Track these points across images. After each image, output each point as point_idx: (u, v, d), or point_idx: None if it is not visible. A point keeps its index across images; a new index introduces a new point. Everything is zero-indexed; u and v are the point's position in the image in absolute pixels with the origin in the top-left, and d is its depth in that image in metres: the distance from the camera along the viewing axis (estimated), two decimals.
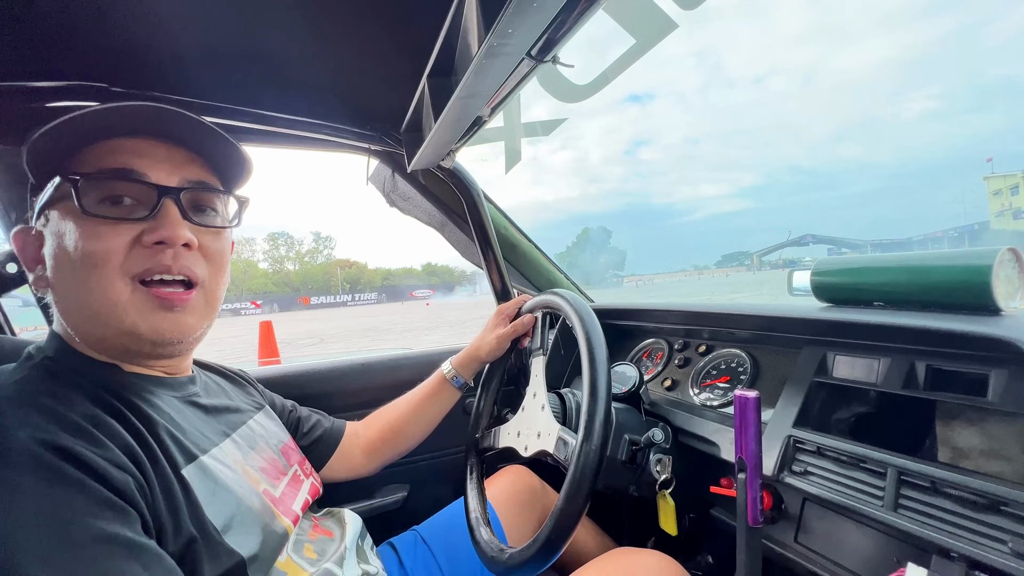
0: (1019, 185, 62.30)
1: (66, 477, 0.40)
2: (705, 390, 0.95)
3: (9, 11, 0.61)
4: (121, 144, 0.52)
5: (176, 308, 0.53)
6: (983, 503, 0.50)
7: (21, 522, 0.36)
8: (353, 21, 0.68)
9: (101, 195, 0.51)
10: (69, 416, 0.44)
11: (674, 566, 0.76)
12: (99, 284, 0.50)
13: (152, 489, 0.46)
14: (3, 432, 0.40)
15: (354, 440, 0.91)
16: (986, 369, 0.55)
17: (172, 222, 0.52)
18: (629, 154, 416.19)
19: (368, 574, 0.69)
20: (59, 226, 0.51)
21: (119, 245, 0.50)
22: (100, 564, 0.38)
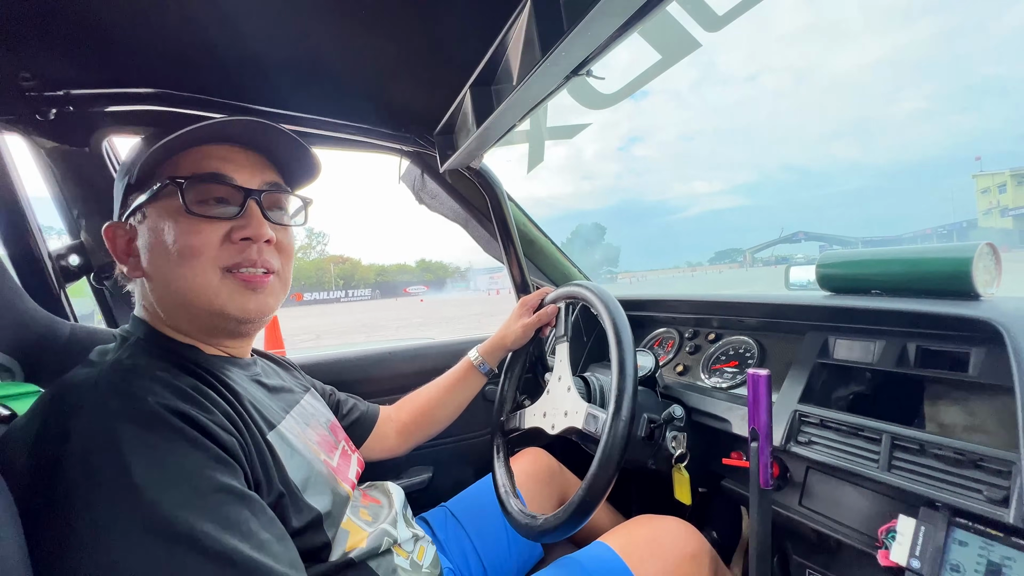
0: (1006, 183, 63.21)
1: (187, 436, 0.46)
2: (715, 374, 1.04)
3: (75, 21, 0.66)
4: (211, 150, 0.59)
5: (259, 290, 0.60)
6: (964, 460, 0.58)
7: (160, 474, 0.43)
8: (403, 31, 0.73)
9: (199, 196, 0.57)
10: (179, 385, 0.50)
11: (692, 530, 0.84)
12: (193, 272, 0.56)
13: (249, 450, 0.53)
14: (134, 399, 0.46)
15: (388, 423, 0.98)
16: (967, 348, 0.64)
17: (257, 221, 0.59)
18: (623, 151, 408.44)
19: (417, 536, 0.77)
20: (160, 222, 0.57)
21: (214, 240, 0.57)
22: (220, 509, 0.44)
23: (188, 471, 0.44)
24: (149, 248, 0.57)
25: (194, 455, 0.46)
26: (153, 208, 0.57)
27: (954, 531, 0.57)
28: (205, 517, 0.43)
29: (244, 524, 0.45)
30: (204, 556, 0.41)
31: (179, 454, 0.45)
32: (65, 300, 0.89)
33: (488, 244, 1.37)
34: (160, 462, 0.43)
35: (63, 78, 0.77)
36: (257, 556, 0.43)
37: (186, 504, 0.42)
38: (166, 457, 0.44)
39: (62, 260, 0.90)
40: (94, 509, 0.40)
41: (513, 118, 0.80)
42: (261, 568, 0.43)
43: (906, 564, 0.59)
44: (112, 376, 0.48)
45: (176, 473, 0.43)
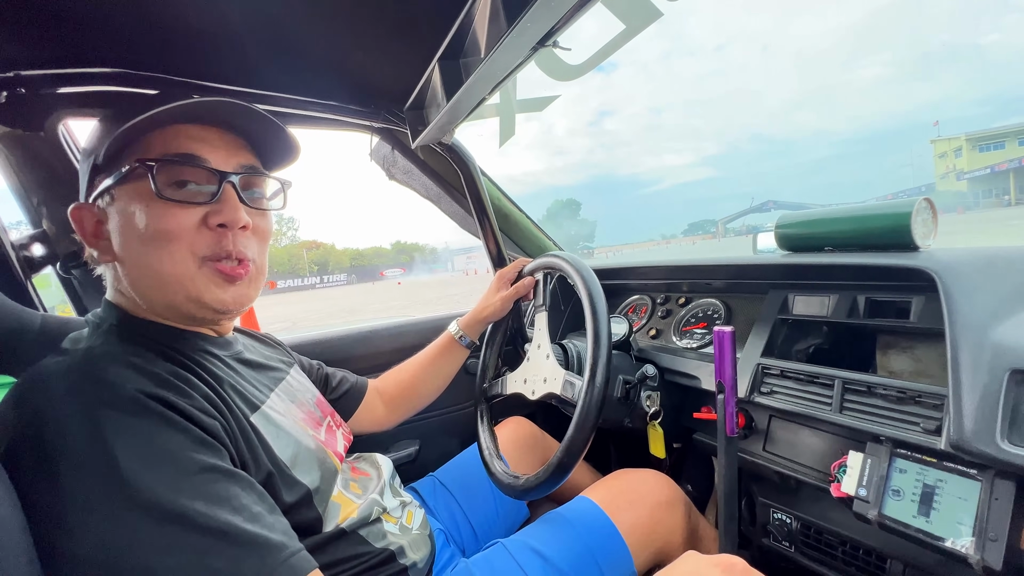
0: (962, 148, 65.62)
1: (169, 420, 0.46)
2: (685, 336, 1.09)
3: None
4: (184, 129, 0.56)
5: (237, 281, 0.59)
6: (904, 397, 0.64)
7: (143, 457, 0.43)
8: (369, 4, 0.72)
9: (171, 179, 0.55)
10: (156, 371, 0.50)
11: (667, 480, 0.90)
12: (170, 259, 0.54)
13: (233, 433, 0.53)
14: (113, 386, 0.46)
15: (376, 395, 1.00)
16: (909, 297, 0.70)
17: (232, 206, 0.57)
18: (594, 125, 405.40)
19: (405, 502, 0.80)
20: (130, 205, 0.54)
21: (188, 225, 0.55)
22: (207, 487, 0.45)
23: (172, 453, 0.45)
24: (120, 232, 0.55)
25: (177, 437, 0.46)
26: (122, 191, 0.55)
27: (895, 460, 0.63)
28: (194, 495, 0.43)
29: (234, 499, 0.46)
30: (198, 532, 0.42)
31: (162, 437, 0.45)
32: (33, 291, 0.87)
33: (463, 220, 1.38)
34: (143, 446, 0.43)
35: (13, 58, 0.73)
36: (251, 527, 0.45)
37: (174, 484, 0.43)
38: (149, 440, 0.44)
39: (25, 250, 0.88)
40: (81, 495, 0.41)
41: (482, 91, 0.80)
42: (257, 538, 0.44)
43: (854, 493, 0.65)
44: (85, 364, 0.48)
45: (160, 456, 0.44)
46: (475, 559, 0.76)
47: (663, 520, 0.85)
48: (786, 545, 0.84)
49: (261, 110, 0.59)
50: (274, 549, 0.45)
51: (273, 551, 0.45)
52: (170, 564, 0.40)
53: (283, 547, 0.46)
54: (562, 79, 0.90)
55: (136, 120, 0.51)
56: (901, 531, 0.60)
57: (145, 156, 0.54)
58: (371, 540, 0.67)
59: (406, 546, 0.70)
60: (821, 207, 1.01)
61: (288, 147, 0.65)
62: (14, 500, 0.40)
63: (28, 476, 0.42)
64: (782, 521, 0.84)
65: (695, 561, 0.57)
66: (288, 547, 0.47)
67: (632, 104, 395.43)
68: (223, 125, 0.60)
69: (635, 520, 0.82)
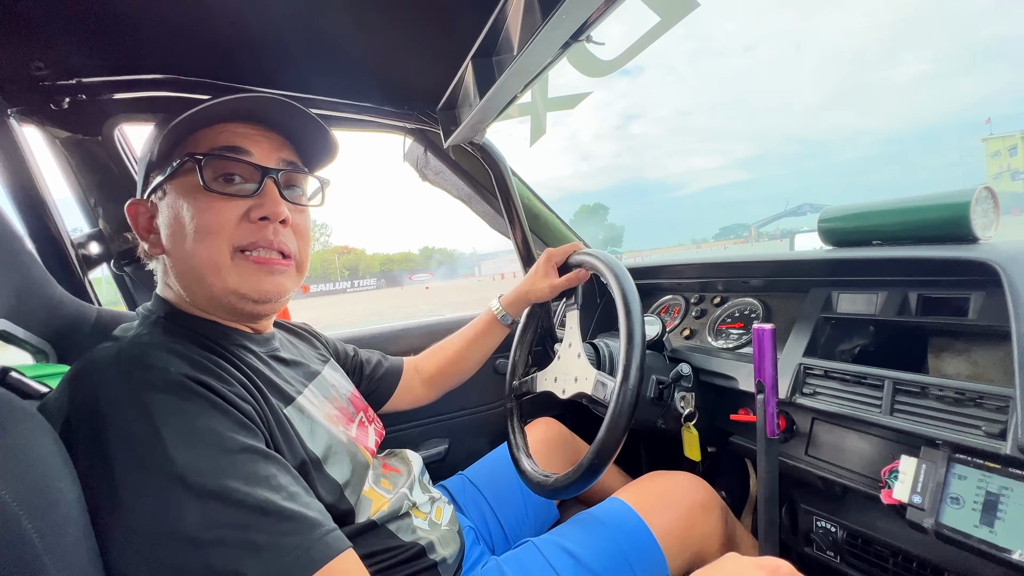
0: (1017, 146, 61.82)
1: (211, 402, 0.48)
2: (721, 336, 1.06)
3: (85, 8, 0.67)
4: (230, 127, 0.59)
5: (276, 271, 0.60)
6: (963, 399, 0.60)
7: (187, 437, 0.45)
8: (404, 5, 0.74)
9: (216, 173, 0.57)
10: (197, 358, 0.52)
11: (702, 482, 0.87)
12: (209, 251, 0.56)
13: (268, 421, 0.54)
14: (159, 370, 0.48)
15: (414, 374, 1.01)
16: (967, 292, 0.66)
17: (273, 200, 0.59)
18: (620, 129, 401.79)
19: (434, 498, 0.80)
20: (178, 199, 0.57)
21: (231, 218, 0.57)
22: (247, 466, 0.46)
23: (215, 433, 0.47)
24: (168, 225, 0.58)
25: (219, 419, 0.48)
26: (172, 185, 0.58)
27: (954, 466, 0.59)
28: (235, 474, 0.45)
29: (272, 479, 0.47)
30: (238, 508, 0.43)
31: (205, 418, 0.47)
32: (89, 286, 0.92)
33: (493, 219, 1.38)
34: (187, 425, 0.46)
35: (75, 66, 0.78)
36: (289, 505, 0.46)
37: (216, 462, 0.45)
38: (193, 421, 0.46)
39: (83, 248, 0.93)
40: (130, 472, 0.43)
41: (515, 89, 0.81)
42: (295, 515, 0.46)
43: (908, 500, 0.61)
44: (132, 350, 0.50)
45: (204, 435, 0.46)
46: (506, 557, 0.76)
47: (699, 524, 0.82)
48: (831, 555, 0.80)
49: (306, 110, 0.61)
50: (312, 525, 0.46)
51: (311, 527, 0.46)
52: (212, 537, 0.42)
53: (319, 524, 0.47)
54: (595, 75, 0.90)
55: (187, 114, 0.54)
56: (961, 541, 0.56)
57: (194, 151, 0.57)
58: (400, 534, 0.67)
59: (435, 541, 0.70)
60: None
61: (327, 147, 0.67)
62: (73, 475, 0.42)
63: (83, 453, 0.44)
64: (826, 529, 0.80)
65: (736, 562, 0.55)
66: (324, 525, 0.48)
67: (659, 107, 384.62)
68: (267, 124, 0.62)
69: (670, 523, 0.80)
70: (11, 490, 0.35)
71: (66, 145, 0.89)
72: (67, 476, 0.41)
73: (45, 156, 0.89)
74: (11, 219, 0.68)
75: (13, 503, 0.34)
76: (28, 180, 0.83)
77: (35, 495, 0.36)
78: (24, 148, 0.82)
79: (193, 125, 0.57)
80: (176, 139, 0.58)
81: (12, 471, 0.36)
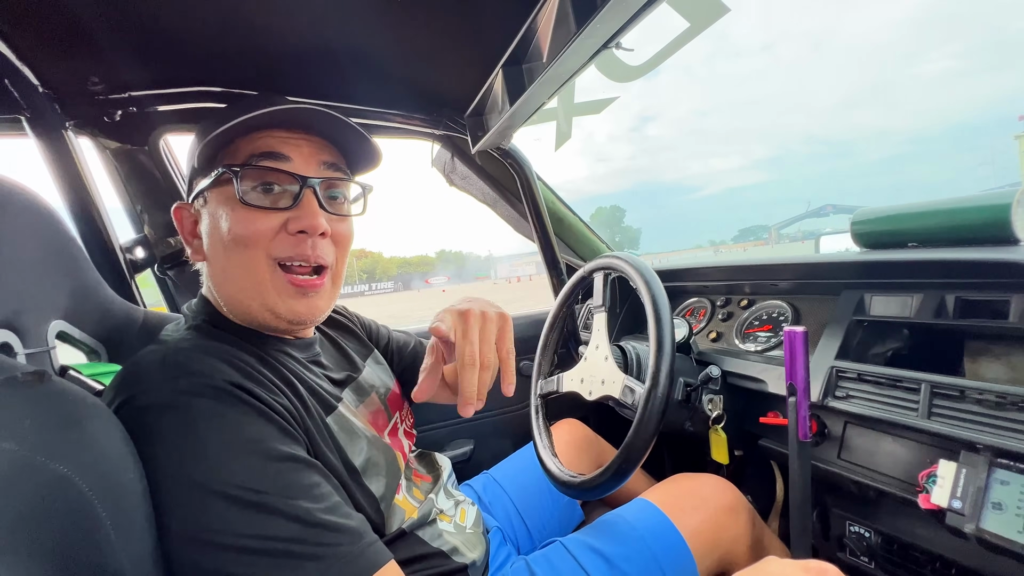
0: None
1: (255, 409, 0.48)
2: (748, 339, 1.05)
3: (137, 25, 0.70)
4: (270, 133, 0.59)
5: (310, 294, 0.59)
6: (1005, 403, 0.59)
7: (230, 444, 0.45)
8: (438, 14, 0.75)
9: (255, 183, 0.57)
10: (242, 366, 0.52)
11: (729, 485, 0.87)
12: (246, 265, 0.56)
13: (309, 431, 0.54)
14: (204, 375, 0.48)
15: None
16: (1007, 295, 0.65)
17: (312, 212, 0.58)
18: (636, 131, 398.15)
19: (459, 501, 0.81)
20: (218, 208, 0.57)
21: (267, 230, 0.56)
22: (288, 475, 0.47)
23: (257, 441, 0.47)
24: (208, 234, 0.59)
25: (262, 426, 0.48)
26: (213, 194, 0.58)
27: (995, 471, 0.58)
28: (276, 482, 0.45)
29: (315, 488, 0.48)
30: (279, 518, 0.44)
31: (248, 425, 0.47)
32: (136, 289, 0.97)
33: (518, 223, 1.40)
34: (231, 433, 0.46)
35: (127, 81, 0.83)
36: (329, 517, 0.46)
37: (258, 471, 0.45)
38: (237, 428, 0.46)
39: (130, 253, 0.98)
40: (173, 477, 0.43)
41: (544, 95, 0.82)
42: (338, 527, 0.46)
43: (947, 505, 0.61)
44: (177, 356, 0.51)
45: (246, 443, 0.46)
46: (534, 556, 0.76)
47: (727, 526, 0.82)
48: (865, 560, 0.79)
49: (351, 123, 0.60)
50: (354, 537, 0.47)
51: (353, 539, 0.46)
52: (255, 547, 0.42)
53: (361, 535, 0.47)
54: (621, 80, 0.91)
55: (226, 127, 0.54)
56: (1004, 548, 0.55)
57: (232, 162, 0.57)
58: (428, 540, 0.67)
59: (460, 545, 0.70)
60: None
61: (370, 154, 0.66)
62: (139, 468, 0.44)
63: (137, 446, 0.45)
64: (860, 535, 0.79)
65: (781, 565, 0.54)
66: (365, 536, 0.48)
67: (675, 108, 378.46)
68: (309, 130, 0.61)
69: (698, 525, 0.79)
70: (86, 479, 0.37)
71: (116, 155, 0.94)
72: (135, 468, 0.44)
73: (96, 166, 0.94)
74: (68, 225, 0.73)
75: (88, 491, 0.37)
76: (82, 188, 0.88)
77: (107, 484, 0.39)
78: (79, 159, 0.87)
79: (235, 132, 0.57)
80: (218, 146, 0.57)
81: (87, 461, 0.38)
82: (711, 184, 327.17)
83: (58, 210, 0.64)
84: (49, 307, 0.61)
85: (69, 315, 0.72)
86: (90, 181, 0.88)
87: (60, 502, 0.35)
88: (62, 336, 0.72)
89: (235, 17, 0.72)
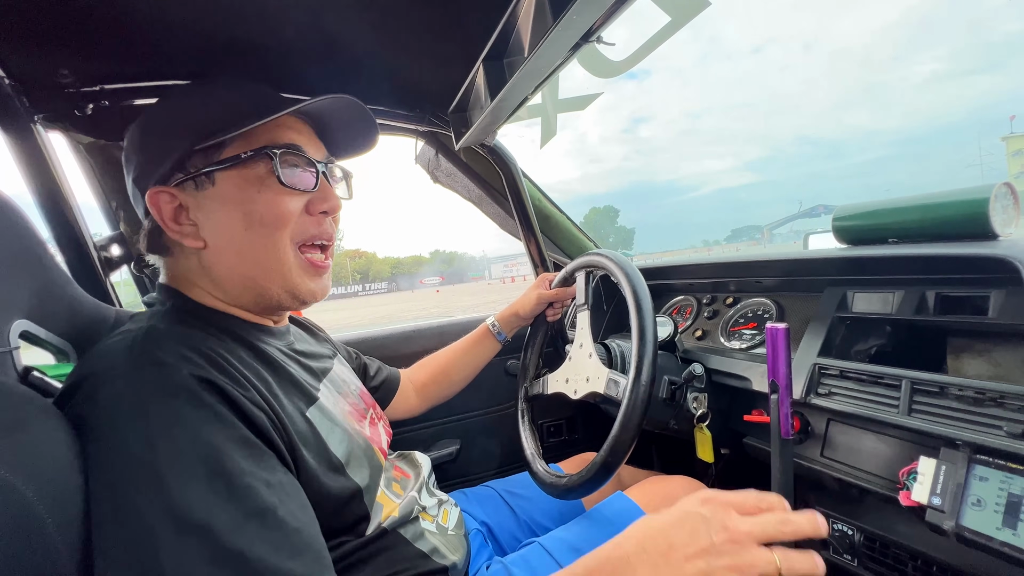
0: None
1: (218, 414, 0.44)
2: (734, 337, 1.05)
3: (109, 16, 0.68)
4: (284, 121, 0.59)
5: (323, 274, 0.63)
6: (984, 399, 0.59)
7: (182, 452, 0.41)
8: (412, 7, 0.75)
9: (284, 167, 0.57)
10: (213, 356, 0.49)
11: (699, 486, 0.86)
12: (273, 245, 0.57)
13: (285, 428, 0.51)
14: (168, 368, 0.45)
15: (408, 383, 1.02)
16: (987, 291, 0.65)
17: (331, 193, 0.62)
18: (628, 132, 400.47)
19: (441, 500, 0.80)
20: (240, 191, 0.56)
21: (295, 211, 0.58)
22: (242, 497, 0.42)
23: (213, 450, 0.42)
24: (219, 218, 0.56)
25: (222, 433, 0.44)
26: (230, 175, 0.56)
27: (974, 467, 0.58)
28: (225, 506, 0.41)
29: (269, 513, 0.42)
30: (218, 550, 0.39)
31: (206, 431, 0.43)
32: (110, 287, 0.94)
33: (504, 221, 1.39)
34: (185, 440, 0.42)
35: (99, 73, 0.80)
36: (272, 560, 0.40)
37: (206, 488, 0.41)
38: (193, 434, 0.42)
39: (104, 251, 0.96)
40: (116, 484, 0.40)
41: (526, 90, 0.81)
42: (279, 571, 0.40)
43: (927, 502, 0.60)
44: (145, 343, 0.48)
45: (200, 453, 0.42)
46: (511, 558, 0.75)
47: None
48: (848, 559, 0.79)
49: (366, 108, 0.65)
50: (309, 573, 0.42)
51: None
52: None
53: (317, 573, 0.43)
54: (605, 76, 0.90)
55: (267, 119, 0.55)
56: (983, 544, 0.55)
57: (250, 146, 0.56)
58: (411, 539, 0.66)
59: (441, 546, 0.69)
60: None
61: (364, 143, 0.72)
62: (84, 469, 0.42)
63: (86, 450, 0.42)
64: (843, 532, 0.79)
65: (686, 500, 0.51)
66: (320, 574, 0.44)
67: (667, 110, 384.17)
68: (312, 120, 0.64)
69: None
70: (31, 484, 0.35)
71: (89, 150, 0.91)
72: (83, 472, 0.42)
73: (69, 161, 0.91)
74: (35, 222, 0.70)
75: (34, 498, 0.35)
76: (52, 184, 0.85)
77: (53, 489, 0.37)
78: (49, 153, 0.85)
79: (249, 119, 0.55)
80: (225, 128, 0.55)
81: (33, 467, 0.37)
82: (704, 185, 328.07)
83: (25, 206, 0.62)
84: (11, 306, 0.59)
85: (34, 314, 0.70)
86: (61, 176, 0.86)
87: (2, 509, 0.33)
88: (26, 336, 0.70)
89: (211, 9, 0.71)
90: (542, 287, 1.06)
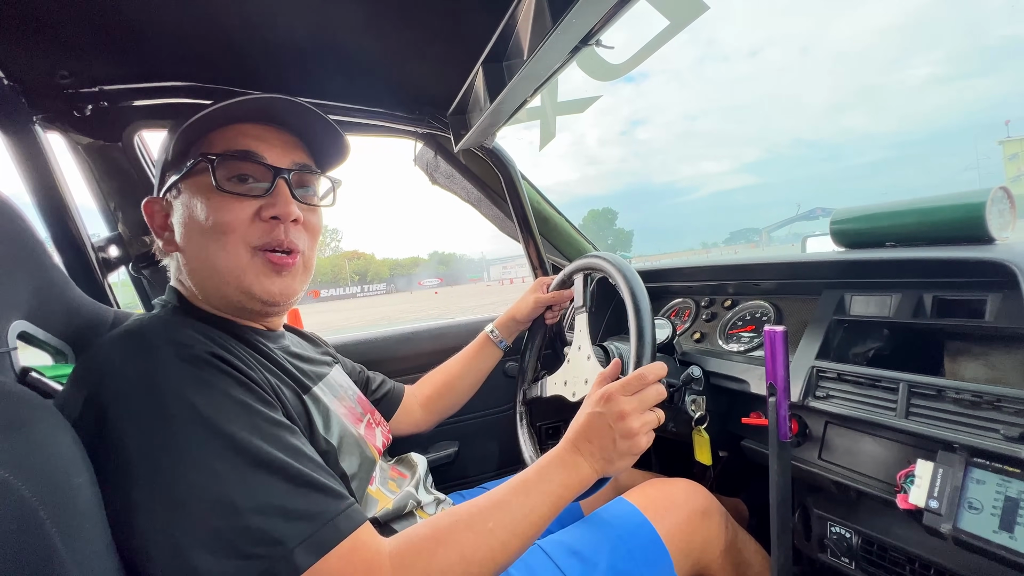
0: None
1: (237, 379, 0.51)
2: (732, 339, 1.05)
3: (108, 18, 0.69)
4: (245, 128, 0.60)
5: (284, 273, 0.62)
6: (981, 402, 0.59)
7: (220, 407, 0.47)
8: (415, 10, 0.76)
9: (230, 173, 0.59)
10: (219, 340, 0.55)
11: (702, 489, 0.86)
12: (225, 250, 0.58)
13: (285, 405, 0.56)
14: (185, 345, 0.50)
15: (412, 398, 1.03)
16: (984, 294, 0.65)
17: (285, 200, 0.60)
18: (626, 135, 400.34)
19: (439, 499, 0.80)
20: (192, 198, 0.59)
21: (243, 217, 0.58)
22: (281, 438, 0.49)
23: (245, 405, 0.49)
24: (183, 223, 0.60)
25: (246, 393, 0.50)
26: (186, 184, 0.59)
27: (971, 471, 0.58)
28: (272, 443, 0.48)
29: (301, 451, 0.50)
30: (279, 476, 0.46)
31: (233, 391, 0.49)
32: (108, 288, 0.94)
33: (503, 223, 1.39)
34: (219, 397, 0.48)
35: (98, 75, 0.81)
36: (321, 478, 0.49)
37: (252, 433, 0.47)
38: (224, 394, 0.48)
39: (102, 251, 0.95)
40: (165, 444, 0.44)
41: (525, 93, 0.81)
42: (325, 488, 0.48)
43: (924, 505, 0.60)
44: (155, 326, 0.52)
45: (234, 406, 0.48)
46: None
47: (700, 530, 0.81)
48: (845, 562, 0.79)
49: (315, 109, 0.62)
50: (338, 497, 0.49)
51: (338, 498, 0.49)
52: (253, 505, 0.43)
53: (343, 496, 0.50)
54: (604, 79, 0.90)
55: (202, 114, 0.56)
56: (980, 548, 0.55)
57: (208, 151, 0.58)
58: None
59: None
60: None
61: (339, 147, 0.68)
62: (91, 471, 0.43)
63: (104, 438, 0.45)
64: (840, 535, 0.79)
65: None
66: (347, 497, 0.50)
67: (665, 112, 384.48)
68: (280, 125, 0.64)
69: (673, 526, 0.79)
70: (30, 485, 0.35)
71: (88, 151, 0.91)
72: (85, 472, 0.42)
73: (67, 162, 0.91)
74: (33, 222, 0.70)
75: (32, 497, 0.35)
76: (51, 184, 0.85)
77: (54, 490, 0.37)
78: (48, 154, 0.85)
79: (210, 124, 0.59)
80: (192, 139, 0.59)
81: (32, 466, 0.37)
82: (702, 187, 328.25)
83: (24, 207, 0.62)
84: (9, 307, 0.59)
85: (32, 315, 0.70)
86: (60, 177, 0.86)
87: (1, 509, 0.33)
88: (24, 337, 0.70)
89: (211, 11, 0.71)
90: (539, 291, 1.06)
